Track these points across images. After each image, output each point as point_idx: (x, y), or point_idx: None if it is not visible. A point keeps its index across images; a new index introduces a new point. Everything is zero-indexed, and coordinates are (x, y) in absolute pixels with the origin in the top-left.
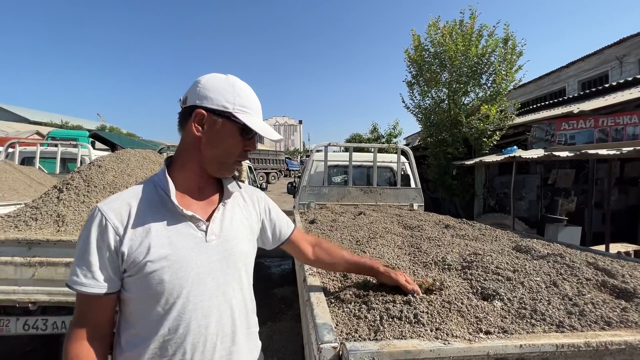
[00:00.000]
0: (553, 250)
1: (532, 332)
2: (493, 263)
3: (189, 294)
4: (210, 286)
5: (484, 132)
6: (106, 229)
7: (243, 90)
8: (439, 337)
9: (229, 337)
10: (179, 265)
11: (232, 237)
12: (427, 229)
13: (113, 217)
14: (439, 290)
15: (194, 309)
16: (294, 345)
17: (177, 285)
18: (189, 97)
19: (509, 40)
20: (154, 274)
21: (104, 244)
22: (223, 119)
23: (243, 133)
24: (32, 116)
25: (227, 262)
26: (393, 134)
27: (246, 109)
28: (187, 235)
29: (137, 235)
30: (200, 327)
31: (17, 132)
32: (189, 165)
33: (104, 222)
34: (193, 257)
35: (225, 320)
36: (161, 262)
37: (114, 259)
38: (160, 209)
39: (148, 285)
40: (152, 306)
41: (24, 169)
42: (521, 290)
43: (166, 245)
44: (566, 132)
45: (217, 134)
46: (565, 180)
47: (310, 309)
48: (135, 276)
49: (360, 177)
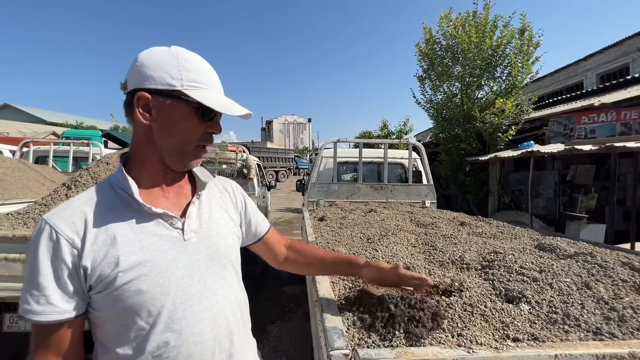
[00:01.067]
0: (580, 249)
1: (567, 339)
2: (516, 262)
3: (175, 300)
4: (197, 288)
5: (498, 127)
6: (58, 244)
7: (191, 62)
8: (461, 344)
9: (227, 339)
10: (157, 271)
11: (214, 231)
12: (441, 227)
13: (65, 229)
14: (458, 291)
15: (184, 316)
16: (303, 346)
17: (159, 293)
18: (128, 81)
19: (526, 31)
20: (128, 285)
21: (57, 261)
22: (172, 100)
23: (199, 113)
24: (48, 117)
25: (212, 260)
26: (404, 130)
27: (198, 83)
28: (160, 236)
29: (100, 245)
30: (194, 334)
31: (35, 132)
32: (148, 160)
33: (55, 236)
34: (172, 260)
35: (220, 322)
36: (135, 271)
37: (73, 276)
38: (123, 211)
39: (124, 299)
40: (133, 322)
41: (38, 167)
42: (550, 292)
43: (137, 251)
44: (586, 125)
45: (168, 118)
46: (585, 177)
47: (319, 310)
48: (105, 292)
49: (370, 173)
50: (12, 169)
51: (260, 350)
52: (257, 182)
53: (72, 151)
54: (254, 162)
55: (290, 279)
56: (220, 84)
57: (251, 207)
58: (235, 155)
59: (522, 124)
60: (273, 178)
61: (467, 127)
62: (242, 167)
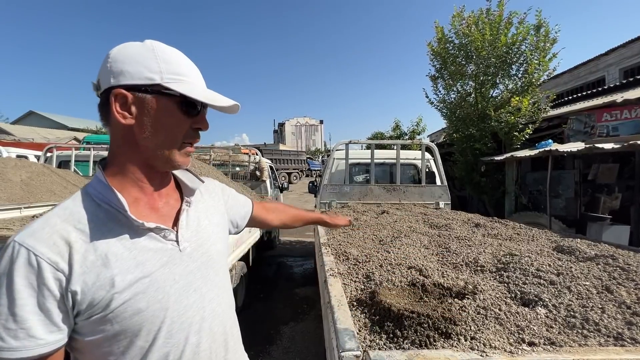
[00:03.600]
0: (601, 251)
1: (585, 344)
2: (533, 265)
3: (173, 314)
4: (194, 299)
5: (515, 126)
6: (40, 269)
7: (169, 54)
8: (474, 347)
9: (222, 346)
10: (156, 287)
11: (205, 239)
12: (455, 228)
13: (46, 251)
14: (472, 294)
15: (181, 329)
16: (316, 347)
17: (158, 309)
18: (101, 80)
19: (542, 27)
20: (125, 305)
21: (40, 289)
22: (153, 96)
23: (183, 107)
24: (70, 123)
25: (207, 268)
26: (416, 130)
27: (180, 76)
28: (155, 251)
29: (90, 266)
30: (191, 345)
31: (57, 138)
32: (131, 165)
33: (34, 260)
34: (169, 273)
35: (216, 330)
36: (133, 289)
37: (59, 303)
38: (112, 227)
39: (120, 320)
40: (131, 343)
41: (61, 171)
42: (568, 295)
43: (133, 269)
44: (608, 123)
45: (150, 116)
46: (607, 176)
47: (331, 312)
48: (97, 316)
49: (382, 175)
50: (37, 173)
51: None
52: (270, 184)
53: (92, 155)
54: (267, 164)
55: (303, 281)
56: (201, 77)
57: (231, 195)
58: (248, 158)
59: (540, 122)
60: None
61: (481, 127)
62: (254, 170)
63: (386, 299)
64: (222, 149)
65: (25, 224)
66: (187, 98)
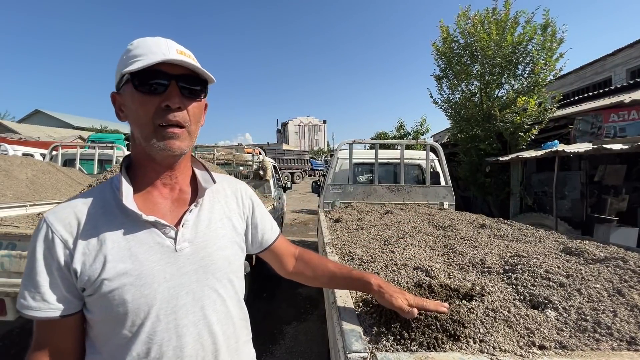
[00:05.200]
0: (611, 253)
1: (598, 348)
2: (541, 267)
3: (159, 312)
4: (184, 301)
5: (520, 126)
6: (53, 243)
7: (137, 45)
8: (484, 350)
9: (211, 356)
10: (143, 282)
11: (211, 242)
12: (460, 229)
13: (60, 229)
14: (480, 296)
15: (166, 329)
16: (319, 347)
17: (143, 304)
18: None
19: (549, 27)
20: (113, 293)
21: (52, 261)
22: (123, 87)
23: (138, 86)
24: (75, 122)
25: (205, 272)
26: (420, 130)
27: (135, 58)
28: (151, 245)
29: (91, 248)
30: (175, 348)
31: (63, 137)
32: (137, 158)
33: (51, 235)
34: (160, 270)
35: (204, 338)
36: (121, 279)
37: (65, 276)
38: (117, 215)
39: (109, 306)
40: (117, 329)
41: (66, 170)
42: (578, 298)
43: (126, 259)
44: (615, 124)
45: (127, 107)
46: (614, 177)
47: (336, 312)
48: (94, 295)
49: (386, 175)
50: (42, 171)
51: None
52: (273, 183)
53: (97, 154)
54: (270, 163)
55: None
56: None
57: (260, 212)
58: (251, 157)
59: (546, 122)
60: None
61: (486, 127)
62: (258, 169)
63: None
64: (226, 148)
65: (30, 222)
66: (135, 75)
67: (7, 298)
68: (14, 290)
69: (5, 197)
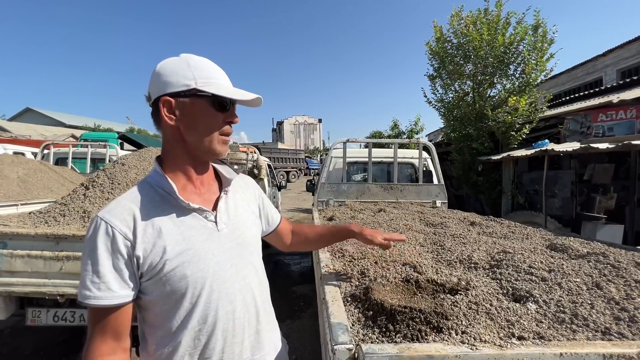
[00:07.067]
0: (593, 249)
1: (574, 339)
2: (525, 262)
3: (212, 283)
4: (230, 273)
5: (512, 126)
6: (114, 237)
7: (200, 63)
8: (465, 341)
9: (254, 317)
10: (198, 258)
11: (241, 223)
12: (451, 226)
13: (118, 224)
14: (464, 290)
15: (219, 297)
16: (312, 344)
17: (200, 277)
18: (151, 92)
19: (540, 28)
20: (175, 271)
21: (115, 253)
22: (191, 99)
23: (215, 105)
24: (68, 120)
25: (242, 248)
26: (415, 130)
27: (210, 79)
28: (198, 228)
29: (149, 238)
30: (227, 312)
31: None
32: (179, 160)
33: (111, 231)
34: (208, 248)
35: (248, 302)
36: (180, 258)
37: (128, 265)
38: (165, 208)
39: (171, 283)
40: (179, 302)
41: (58, 168)
42: (559, 292)
43: (181, 242)
44: (604, 123)
45: (191, 116)
46: (603, 176)
47: (325, 307)
48: (155, 278)
49: (380, 173)
50: (34, 170)
51: None
52: (268, 182)
53: (89, 153)
54: (265, 162)
55: (301, 279)
56: (227, 78)
57: (266, 201)
58: (246, 156)
59: (537, 122)
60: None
61: (479, 126)
62: (252, 168)
63: (380, 295)
64: None
65: (21, 221)
66: (217, 97)
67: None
68: (6, 289)
69: None
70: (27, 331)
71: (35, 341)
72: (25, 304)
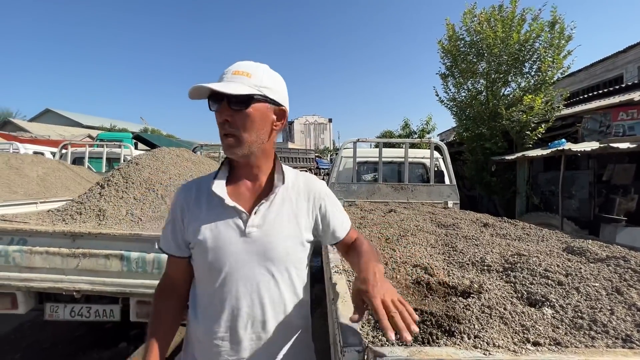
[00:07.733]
0: (613, 252)
1: (592, 346)
2: (541, 265)
3: (227, 275)
4: (243, 273)
5: (527, 125)
6: (177, 205)
7: None
8: (478, 346)
9: (259, 323)
10: (217, 249)
11: (276, 232)
12: (463, 228)
13: (182, 197)
14: (477, 293)
15: (229, 290)
16: (322, 344)
17: (220, 264)
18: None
19: (556, 24)
20: (201, 251)
21: (176, 217)
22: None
23: (211, 107)
24: (85, 121)
25: (265, 256)
26: (426, 129)
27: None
28: (229, 224)
29: (192, 217)
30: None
31: (72, 135)
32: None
33: (177, 199)
34: (229, 244)
35: (256, 308)
36: (204, 245)
37: (181, 230)
38: (209, 197)
39: (199, 259)
40: (207, 274)
41: (75, 168)
42: (576, 296)
43: (208, 231)
44: (624, 122)
45: None
46: (623, 177)
47: (335, 308)
48: (194, 249)
49: (390, 173)
50: (52, 169)
51: None
52: None
53: (105, 153)
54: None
55: (311, 280)
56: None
57: (331, 210)
58: None
59: (553, 121)
60: None
61: (492, 126)
62: None
63: None
64: None
65: (40, 219)
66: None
67: (18, 292)
68: (25, 284)
69: (17, 194)
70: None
71: (54, 335)
72: (44, 299)
